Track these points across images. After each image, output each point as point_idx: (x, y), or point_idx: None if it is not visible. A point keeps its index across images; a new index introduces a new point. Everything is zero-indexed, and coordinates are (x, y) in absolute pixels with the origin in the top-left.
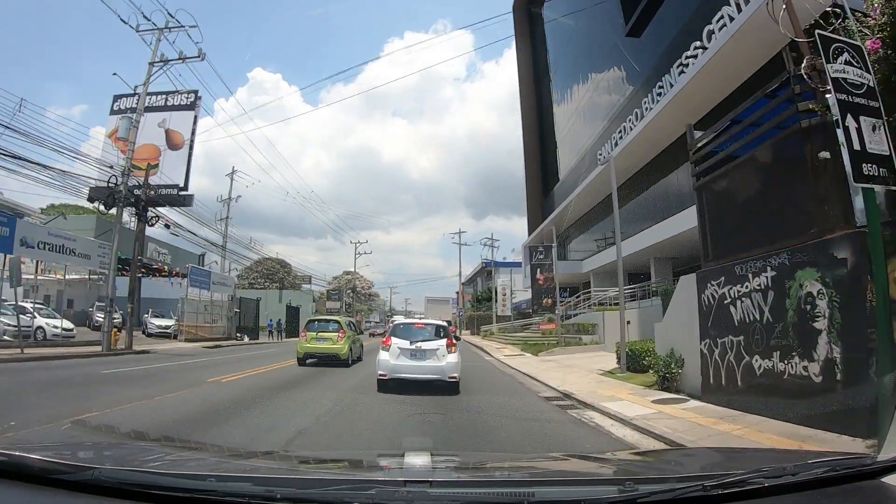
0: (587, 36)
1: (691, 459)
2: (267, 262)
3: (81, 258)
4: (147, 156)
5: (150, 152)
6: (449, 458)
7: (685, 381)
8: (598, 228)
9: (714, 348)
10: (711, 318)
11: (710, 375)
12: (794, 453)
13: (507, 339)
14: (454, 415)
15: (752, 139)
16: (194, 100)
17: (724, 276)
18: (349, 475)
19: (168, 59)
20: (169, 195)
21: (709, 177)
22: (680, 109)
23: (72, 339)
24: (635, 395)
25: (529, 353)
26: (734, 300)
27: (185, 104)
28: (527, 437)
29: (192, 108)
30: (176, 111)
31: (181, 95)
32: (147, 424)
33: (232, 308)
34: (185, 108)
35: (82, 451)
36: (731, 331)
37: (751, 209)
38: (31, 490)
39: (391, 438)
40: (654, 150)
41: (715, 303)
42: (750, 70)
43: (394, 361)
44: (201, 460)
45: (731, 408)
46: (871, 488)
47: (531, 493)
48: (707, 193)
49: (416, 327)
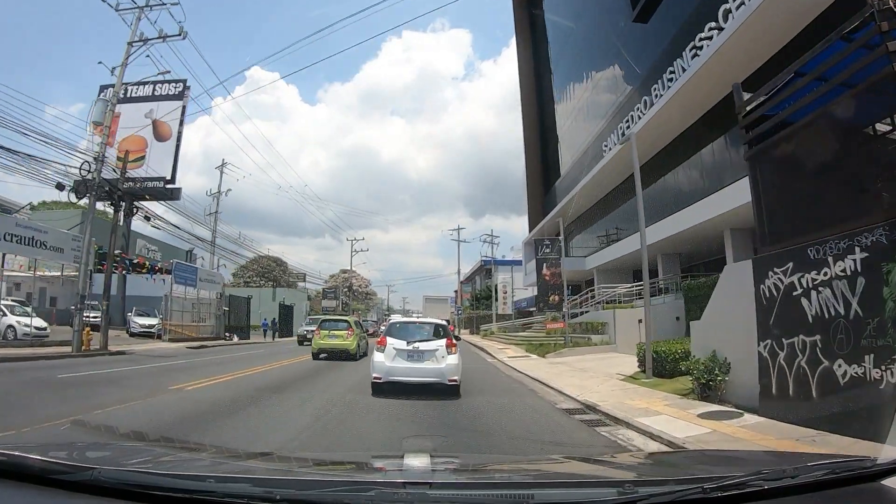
0: (591, 26)
1: (691, 461)
2: (262, 261)
3: (54, 251)
4: (134, 147)
5: (136, 144)
6: (448, 460)
7: (732, 390)
8: (602, 225)
9: (778, 351)
10: (775, 314)
11: (773, 384)
12: (793, 455)
13: (509, 339)
14: (458, 436)
15: (824, 93)
16: (182, 89)
17: (791, 262)
18: (348, 476)
19: (147, 39)
20: (155, 188)
21: (766, 142)
22: (718, 71)
23: (44, 338)
24: (674, 408)
25: (536, 355)
26: (807, 291)
27: (173, 94)
28: None
29: (180, 98)
30: (164, 101)
31: (169, 85)
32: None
33: (220, 306)
34: (172, 97)
35: (81, 451)
36: (804, 329)
37: (827, 177)
38: (30, 490)
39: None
40: (668, 136)
41: (779, 295)
42: (809, 16)
43: (389, 363)
44: (200, 461)
45: (804, 425)
46: (871, 491)
47: (531, 495)
48: (764, 163)
49: (414, 326)
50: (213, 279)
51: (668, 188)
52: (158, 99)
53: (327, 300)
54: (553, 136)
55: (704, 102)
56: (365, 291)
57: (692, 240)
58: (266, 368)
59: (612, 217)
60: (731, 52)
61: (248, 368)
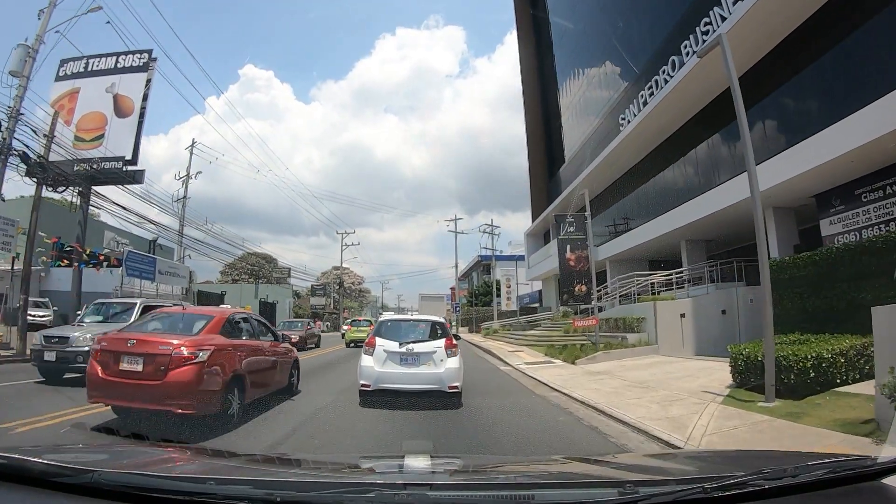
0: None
1: (692, 462)
2: (251, 258)
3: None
4: (92, 126)
5: (95, 121)
6: (449, 461)
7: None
8: (612, 212)
9: None
10: None
11: None
12: (794, 455)
13: (518, 339)
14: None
15: None
16: (147, 60)
17: None
18: (349, 478)
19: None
20: (113, 171)
21: None
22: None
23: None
24: None
25: (561, 360)
26: None
27: (137, 66)
28: None
29: (144, 69)
30: (127, 73)
31: (133, 56)
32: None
33: (186, 304)
34: (136, 69)
35: (82, 453)
36: None
37: None
38: (31, 493)
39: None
40: (699, 103)
41: None
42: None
43: (379, 368)
44: (200, 463)
45: None
46: (872, 490)
47: (531, 495)
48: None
49: (408, 325)
50: (176, 272)
51: (699, 163)
52: (121, 71)
53: (316, 298)
54: (556, 121)
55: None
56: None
57: (724, 223)
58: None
59: (625, 204)
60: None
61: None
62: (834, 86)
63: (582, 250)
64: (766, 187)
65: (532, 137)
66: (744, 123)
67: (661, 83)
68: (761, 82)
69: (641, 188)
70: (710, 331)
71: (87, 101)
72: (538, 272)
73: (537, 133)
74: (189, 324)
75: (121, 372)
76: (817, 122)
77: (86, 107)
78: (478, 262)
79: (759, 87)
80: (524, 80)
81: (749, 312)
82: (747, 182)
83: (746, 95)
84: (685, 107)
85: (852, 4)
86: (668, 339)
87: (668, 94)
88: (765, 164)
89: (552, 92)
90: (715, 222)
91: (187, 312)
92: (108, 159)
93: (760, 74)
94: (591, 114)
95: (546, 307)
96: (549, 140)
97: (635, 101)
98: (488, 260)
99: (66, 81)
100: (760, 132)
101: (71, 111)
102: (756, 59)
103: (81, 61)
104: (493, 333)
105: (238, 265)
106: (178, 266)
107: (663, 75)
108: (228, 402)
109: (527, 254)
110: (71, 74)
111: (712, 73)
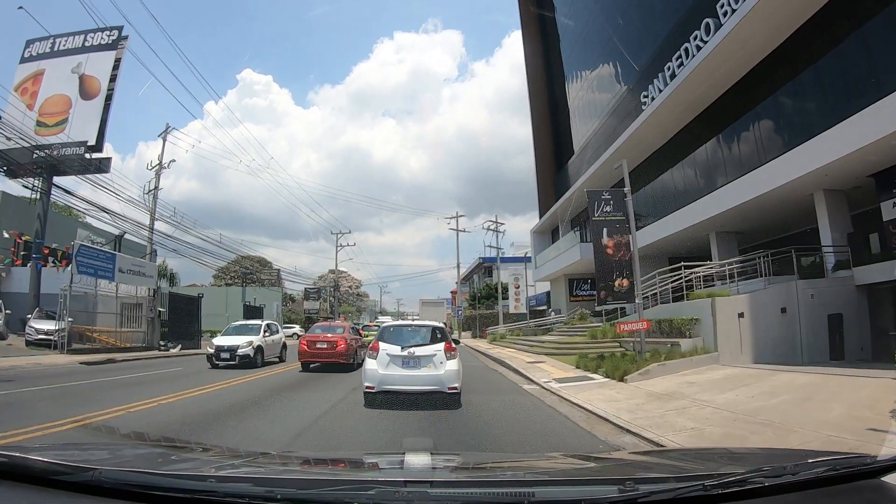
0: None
1: (692, 459)
2: (245, 261)
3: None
4: (55, 109)
5: (59, 105)
6: (449, 459)
7: None
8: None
9: None
10: None
11: None
12: (794, 453)
13: (533, 346)
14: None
15: None
16: (117, 38)
17: None
18: (349, 475)
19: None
20: (74, 157)
21: None
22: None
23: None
24: None
25: (601, 375)
26: None
27: (106, 43)
28: None
29: (113, 47)
30: (95, 52)
31: (102, 34)
32: None
33: (154, 307)
34: (105, 48)
35: (83, 452)
36: None
37: None
38: (32, 491)
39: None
40: (740, 68)
41: None
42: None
43: (383, 371)
44: (201, 461)
45: None
46: (872, 487)
47: (531, 492)
48: None
49: (409, 330)
50: (142, 271)
51: (739, 142)
52: (89, 50)
53: (310, 302)
54: (564, 111)
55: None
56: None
57: (762, 210)
58: (146, 406)
59: (646, 193)
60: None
61: (112, 408)
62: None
63: (622, 234)
64: (817, 166)
65: (538, 129)
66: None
67: (692, 51)
68: (813, 43)
69: (659, 179)
70: (770, 333)
71: (51, 83)
72: (546, 272)
73: (544, 124)
74: (336, 328)
75: (317, 347)
76: (886, 84)
77: (50, 89)
78: (479, 264)
79: (809, 49)
80: (529, 67)
81: (811, 311)
82: (800, 158)
83: (793, 60)
84: (722, 76)
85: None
86: (728, 345)
87: (700, 63)
88: (815, 140)
89: (558, 79)
90: (744, 214)
91: (333, 324)
92: (69, 145)
93: (812, 33)
94: (607, 91)
95: (555, 309)
96: (556, 132)
97: (660, 75)
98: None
99: (31, 63)
100: (812, 100)
101: (34, 95)
102: (810, 13)
103: (48, 41)
104: (500, 339)
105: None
106: (143, 264)
107: (695, 41)
108: (354, 359)
109: (533, 253)
110: (37, 55)
111: (758, 32)
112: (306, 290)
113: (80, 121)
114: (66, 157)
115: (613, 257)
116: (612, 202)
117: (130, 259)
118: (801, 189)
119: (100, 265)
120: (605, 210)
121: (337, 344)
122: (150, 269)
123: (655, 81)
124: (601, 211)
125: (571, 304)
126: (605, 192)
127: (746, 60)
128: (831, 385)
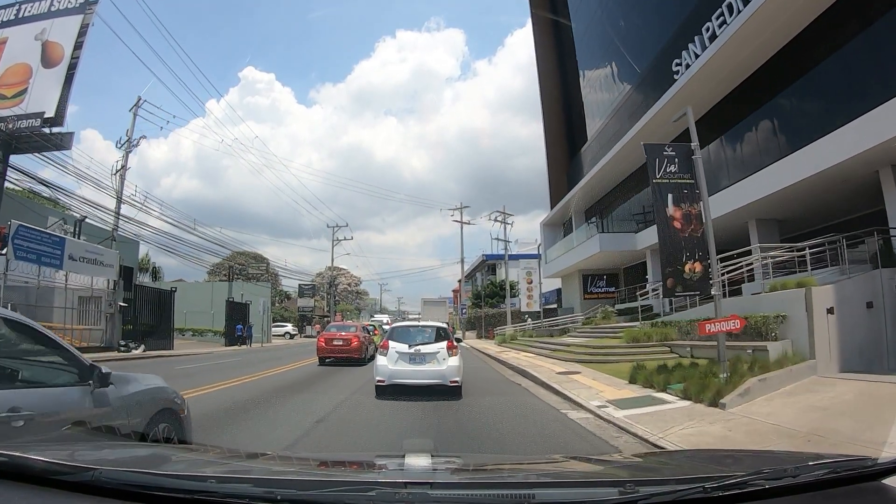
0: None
1: (692, 461)
2: (240, 258)
3: None
4: (14, 80)
5: (18, 74)
6: (450, 460)
7: None
8: (640, 199)
9: None
10: None
11: None
12: (795, 455)
13: (556, 350)
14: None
15: None
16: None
17: None
18: (350, 476)
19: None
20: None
21: None
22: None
23: None
24: None
25: (676, 395)
26: None
27: (73, 7)
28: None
29: (80, 11)
30: (60, 17)
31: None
32: None
33: (113, 302)
34: (71, 11)
35: (82, 452)
36: None
37: None
38: (31, 491)
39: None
40: (791, 28)
41: None
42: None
43: (392, 366)
44: (201, 461)
45: None
46: (872, 490)
47: (532, 494)
48: None
49: (415, 330)
50: (98, 259)
51: (790, 112)
52: (55, 15)
53: (304, 299)
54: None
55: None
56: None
57: (813, 194)
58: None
59: None
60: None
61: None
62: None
63: (692, 204)
64: (886, 139)
65: (549, 112)
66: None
67: (736, 7)
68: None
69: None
70: (855, 333)
71: (13, 52)
72: (558, 267)
73: (555, 108)
74: (350, 327)
75: (333, 344)
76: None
77: (11, 58)
78: (482, 262)
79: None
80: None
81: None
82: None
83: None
84: (769, 39)
85: None
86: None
87: (747, 20)
88: (888, 105)
89: (570, 60)
90: (786, 200)
91: (346, 324)
92: (25, 117)
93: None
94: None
95: (568, 308)
96: (568, 119)
97: (697, 39)
98: (493, 259)
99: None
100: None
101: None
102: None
103: (13, 8)
104: (510, 340)
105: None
106: (101, 251)
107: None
108: (365, 354)
109: (543, 247)
110: (2, 23)
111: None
112: (300, 287)
113: (40, 91)
114: (20, 131)
115: (682, 233)
116: (678, 160)
117: (85, 245)
118: (854, 168)
119: (44, 250)
120: (668, 170)
121: (351, 341)
122: (109, 257)
123: (691, 45)
124: (664, 171)
125: (585, 303)
126: (668, 146)
127: (797, 19)
128: None
